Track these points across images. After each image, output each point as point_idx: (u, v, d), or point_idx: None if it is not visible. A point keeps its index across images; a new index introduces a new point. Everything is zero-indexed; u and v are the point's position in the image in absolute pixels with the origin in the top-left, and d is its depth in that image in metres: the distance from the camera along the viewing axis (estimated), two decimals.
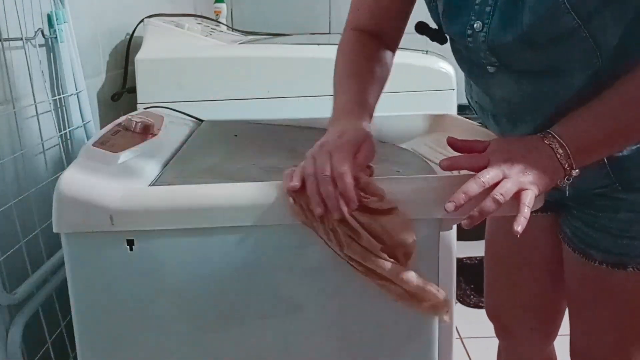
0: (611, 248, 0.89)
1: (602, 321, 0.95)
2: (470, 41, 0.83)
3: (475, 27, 0.82)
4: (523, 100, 0.86)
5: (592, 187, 0.88)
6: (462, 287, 2.36)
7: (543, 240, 1.05)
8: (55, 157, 1.20)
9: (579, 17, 0.74)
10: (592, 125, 0.78)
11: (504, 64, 0.84)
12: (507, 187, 0.73)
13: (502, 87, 0.88)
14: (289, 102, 1.37)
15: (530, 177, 0.74)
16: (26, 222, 1.07)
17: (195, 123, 1.28)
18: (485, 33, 0.81)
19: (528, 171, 0.75)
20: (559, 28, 0.75)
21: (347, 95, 0.88)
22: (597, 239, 0.91)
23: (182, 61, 1.39)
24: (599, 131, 0.78)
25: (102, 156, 0.87)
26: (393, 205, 0.76)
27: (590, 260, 0.92)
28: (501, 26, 0.79)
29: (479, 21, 0.81)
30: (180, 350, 0.83)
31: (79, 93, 1.26)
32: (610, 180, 0.86)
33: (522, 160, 0.75)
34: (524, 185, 0.74)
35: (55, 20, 1.19)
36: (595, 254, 0.91)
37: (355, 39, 0.96)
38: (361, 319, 0.84)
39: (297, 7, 3.04)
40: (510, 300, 1.13)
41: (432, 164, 1.11)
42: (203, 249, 0.80)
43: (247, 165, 0.98)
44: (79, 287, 0.80)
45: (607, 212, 0.89)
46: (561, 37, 0.76)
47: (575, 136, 0.77)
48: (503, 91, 0.88)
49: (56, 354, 1.13)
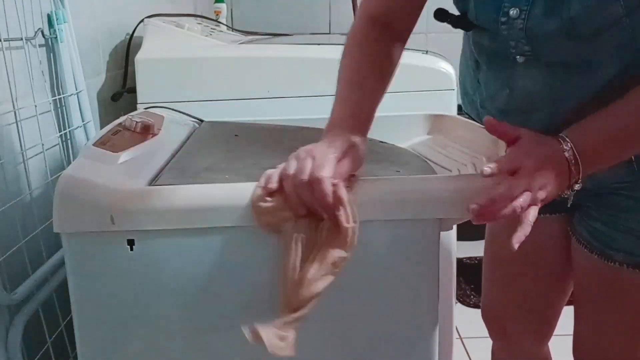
0: (633, 249, 0.88)
1: (614, 322, 0.95)
2: (504, 29, 0.81)
3: (511, 14, 0.80)
4: (547, 93, 0.85)
5: (612, 182, 0.88)
6: (462, 287, 2.36)
7: (551, 242, 1.04)
8: (55, 157, 1.20)
9: (626, 7, 0.73)
10: (603, 137, 0.78)
11: (536, 55, 0.82)
12: (525, 200, 0.73)
13: (527, 78, 0.86)
14: (289, 102, 1.37)
15: (544, 194, 0.74)
16: (26, 222, 1.07)
17: (196, 123, 1.28)
18: (523, 20, 0.79)
19: (546, 187, 0.75)
20: (605, 18, 0.74)
21: (343, 107, 0.87)
22: (617, 240, 0.90)
23: (182, 61, 1.39)
24: (609, 144, 0.78)
25: (102, 156, 0.87)
26: (348, 236, 0.73)
27: (608, 261, 0.91)
28: (544, 14, 0.77)
29: (516, 8, 0.79)
30: (180, 350, 0.83)
31: (79, 93, 1.26)
32: (634, 177, 0.86)
33: (546, 174, 0.75)
34: (536, 202, 0.74)
35: (55, 20, 1.19)
36: (615, 255, 0.90)
37: (364, 35, 0.93)
38: (361, 319, 0.84)
39: (297, 7, 3.04)
40: (510, 302, 1.13)
41: (432, 163, 1.11)
42: (203, 249, 0.80)
43: (247, 165, 0.98)
44: (79, 287, 0.80)
45: (630, 212, 0.88)
46: (603, 27, 0.75)
47: (586, 148, 0.77)
48: (528, 83, 0.86)
49: (56, 354, 1.13)
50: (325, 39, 2.28)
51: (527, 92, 0.87)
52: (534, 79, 0.85)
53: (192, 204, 0.78)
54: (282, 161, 0.78)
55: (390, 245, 0.81)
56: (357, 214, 0.74)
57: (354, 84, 0.89)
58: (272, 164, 0.80)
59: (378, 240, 0.81)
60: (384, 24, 0.92)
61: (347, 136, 0.81)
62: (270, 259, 0.80)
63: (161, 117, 1.12)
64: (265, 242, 0.79)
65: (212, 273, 0.80)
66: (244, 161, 1.01)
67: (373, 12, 0.93)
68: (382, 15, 0.93)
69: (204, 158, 1.00)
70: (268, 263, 0.80)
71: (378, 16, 0.93)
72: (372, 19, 0.93)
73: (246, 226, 0.78)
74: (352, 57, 0.92)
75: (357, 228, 0.74)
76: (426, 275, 0.82)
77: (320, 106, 1.29)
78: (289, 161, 0.76)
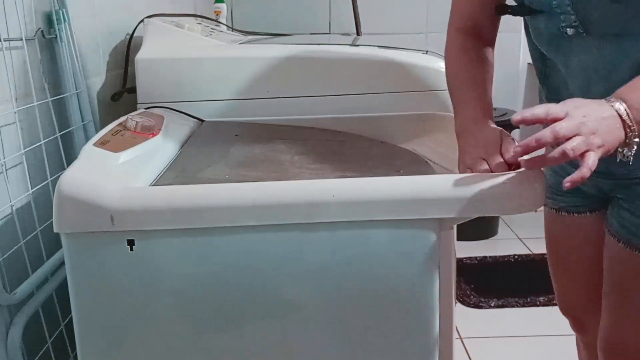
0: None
1: (635, 310, 0.98)
2: (555, 5, 0.89)
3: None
4: (601, 65, 0.89)
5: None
6: (462, 287, 2.36)
7: (594, 236, 1.08)
8: (55, 157, 1.20)
9: None
10: None
11: (584, 25, 0.87)
12: (578, 143, 0.73)
13: (581, 53, 0.90)
14: (289, 102, 1.36)
15: (599, 140, 0.74)
16: (26, 222, 1.07)
17: (196, 123, 1.28)
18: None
19: (599, 133, 0.75)
20: None
21: (469, 107, 0.99)
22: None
23: (182, 61, 1.38)
24: None
25: (102, 156, 0.87)
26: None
27: (634, 250, 0.95)
28: None
29: None
30: (180, 350, 0.83)
31: (79, 93, 1.26)
32: None
33: (595, 121, 0.75)
34: (592, 147, 0.74)
35: (55, 20, 1.19)
36: (638, 242, 0.94)
37: (459, 45, 1.06)
38: (361, 319, 0.84)
39: (297, 7, 3.04)
40: (576, 293, 1.17)
41: (432, 163, 1.11)
42: (203, 249, 0.80)
43: (247, 165, 0.98)
44: (79, 287, 0.80)
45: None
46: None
47: (635, 101, 0.78)
48: (582, 57, 0.91)
49: (56, 354, 1.13)
50: (325, 39, 2.28)
51: (582, 66, 0.92)
52: (588, 52, 0.90)
53: (192, 204, 0.78)
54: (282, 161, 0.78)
55: (390, 245, 0.81)
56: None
57: (469, 86, 1.02)
58: (272, 163, 0.80)
59: (378, 239, 0.81)
60: (472, 35, 1.05)
61: (487, 128, 0.93)
62: (270, 259, 0.80)
63: (161, 117, 1.12)
64: (265, 242, 0.79)
65: (212, 273, 0.80)
66: (244, 161, 1.01)
67: (460, 24, 1.06)
68: (471, 28, 1.05)
69: (204, 158, 1.00)
70: (268, 263, 0.80)
71: (465, 26, 1.05)
72: (462, 32, 1.06)
73: (246, 226, 0.79)
74: (458, 67, 1.05)
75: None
76: (426, 275, 0.82)
77: (321, 106, 1.29)
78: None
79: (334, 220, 0.79)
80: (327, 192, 0.79)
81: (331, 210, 0.79)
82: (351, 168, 1.00)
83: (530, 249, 2.69)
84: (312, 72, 1.36)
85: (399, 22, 2.95)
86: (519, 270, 2.53)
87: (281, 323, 0.83)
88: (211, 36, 1.55)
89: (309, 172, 0.94)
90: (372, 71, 1.34)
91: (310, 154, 1.09)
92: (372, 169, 1.05)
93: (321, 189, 0.80)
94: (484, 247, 2.74)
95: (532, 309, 2.21)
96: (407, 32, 2.91)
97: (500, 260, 2.62)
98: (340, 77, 1.34)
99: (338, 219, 0.79)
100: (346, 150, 1.17)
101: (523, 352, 1.96)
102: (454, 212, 0.79)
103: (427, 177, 0.88)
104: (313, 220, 0.79)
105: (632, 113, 0.77)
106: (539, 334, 2.02)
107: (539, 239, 1.27)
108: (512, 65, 3.04)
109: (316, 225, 0.80)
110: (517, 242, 2.75)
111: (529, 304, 2.23)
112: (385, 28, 2.82)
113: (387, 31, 2.79)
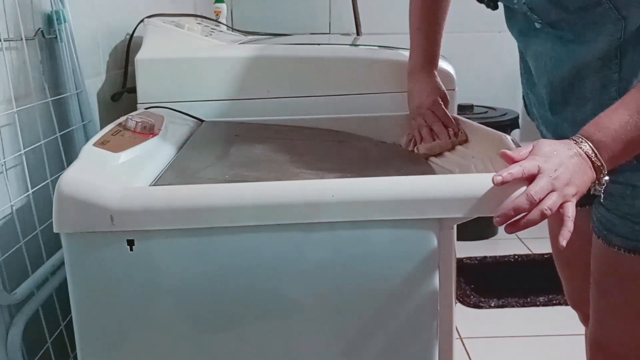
0: (628, 234, 0.93)
1: (615, 306, 0.98)
2: (515, 2, 0.94)
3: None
4: (549, 57, 0.95)
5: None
6: (462, 287, 2.36)
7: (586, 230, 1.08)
8: (55, 157, 1.20)
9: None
10: (619, 124, 0.80)
11: (545, 23, 0.93)
12: (554, 201, 0.74)
13: (539, 45, 0.97)
14: (289, 102, 1.36)
15: (573, 189, 0.76)
16: (26, 222, 1.07)
17: (196, 123, 1.28)
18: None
19: (572, 182, 0.76)
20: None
21: (417, 52, 1.21)
22: (616, 225, 0.94)
23: (182, 61, 1.38)
24: (627, 130, 0.80)
25: (102, 156, 0.87)
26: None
27: (610, 246, 0.95)
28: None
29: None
30: (180, 350, 0.83)
31: (79, 93, 1.26)
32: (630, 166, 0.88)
33: (567, 172, 0.76)
34: (568, 198, 0.75)
35: (55, 20, 1.19)
36: (614, 238, 0.94)
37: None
38: (361, 319, 0.84)
39: (297, 7, 3.04)
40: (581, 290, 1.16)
41: (432, 163, 1.11)
42: (203, 249, 0.80)
43: (247, 165, 0.98)
44: (79, 287, 0.80)
45: (626, 199, 0.92)
46: (588, 5, 0.84)
47: (602, 139, 0.79)
48: (539, 48, 0.97)
49: (56, 354, 1.13)
50: (325, 39, 2.28)
51: (535, 56, 0.98)
52: (543, 44, 0.95)
53: (192, 204, 0.78)
54: (282, 161, 0.79)
55: (390, 245, 0.81)
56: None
57: (422, 32, 1.21)
58: (272, 163, 0.80)
59: (378, 239, 0.81)
60: None
61: (430, 81, 1.20)
62: (270, 259, 0.80)
63: (161, 117, 1.12)
64: (265, 242, 0.79)
65: (212, 273, 0.80)
66: (244, 161, 1.01)
67: None
68: None
69: (204, 158, 1.00)
70: (268, 263, 0.80)
71: None
72: None
73: (246, 226, 0.79)
74: (415, 5, 1.23)
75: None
76: (426, 275, 0.82)
77: (320, 106, 1.29)
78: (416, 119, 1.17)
79: (334, 220, 0.79)
80: (327, 192, 0.79)
81: (331, 210, 0.79)
82: (351, 168, 1.00)
83: (530, 249, 2.69)
84: (312, 72, 1.36)
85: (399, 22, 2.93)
86: (519, 270, 2.53)
87: (281, 323, 0.83)
88: (211, 36, 1.55)
89: (308, 172, 0.94)
90: (372, 71, 1.34)
91: (310, 154, 1.09)
92: (372, 169, 1.05)
93: (321, 189, 0.80)
94: (484, 247, 2.74)
95: (532, 309, 2.21)
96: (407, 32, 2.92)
97: (500, 260, 2.62)
98: (340, 77, 1.35)
99: (338, 219, 0.79)
100: (346, 150, 1.17)
101: (523, 352, 1.96)
102: (454, 212, 0.79)
103: (427, 177, 0.88)
104: (313, 220, 0.79)
105: (601, 153, 0.78)
106: (539, 334, 2.01)
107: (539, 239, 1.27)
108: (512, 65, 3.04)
109: (316, 225, 0.80)
110: (517, 242, 2.75)
111: (529, 304, 2.23)
112: (385, 28, 2.81)
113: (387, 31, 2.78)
